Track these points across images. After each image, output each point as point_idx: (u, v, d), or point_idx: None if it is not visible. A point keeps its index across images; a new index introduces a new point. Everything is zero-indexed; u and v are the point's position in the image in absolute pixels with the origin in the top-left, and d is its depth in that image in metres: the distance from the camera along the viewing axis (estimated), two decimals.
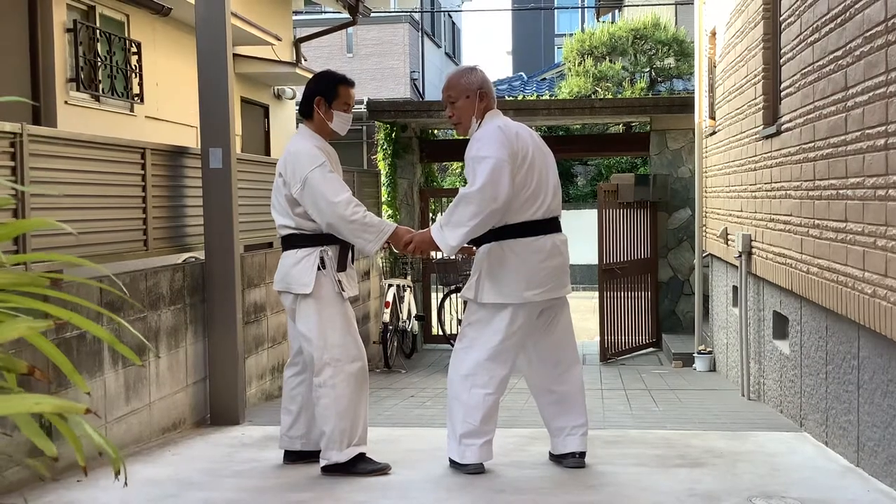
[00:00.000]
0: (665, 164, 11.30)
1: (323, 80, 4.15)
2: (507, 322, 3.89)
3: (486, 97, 4.02)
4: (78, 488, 3.72)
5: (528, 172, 3.89)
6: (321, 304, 3.93)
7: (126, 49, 8.83)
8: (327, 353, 3.91)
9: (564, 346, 4.10)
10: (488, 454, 3.97)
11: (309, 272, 3.92)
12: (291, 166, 3.94)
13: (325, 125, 4.08)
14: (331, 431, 3.90)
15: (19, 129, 3.95)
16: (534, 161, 3.92)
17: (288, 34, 12.96)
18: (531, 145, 3.95)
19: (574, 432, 4.05)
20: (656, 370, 9.33)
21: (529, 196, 3.89)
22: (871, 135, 3.90)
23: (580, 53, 18.38)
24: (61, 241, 4.19)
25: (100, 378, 4.35)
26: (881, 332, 3.75)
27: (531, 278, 3.87)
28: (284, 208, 3.99)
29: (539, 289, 3.90)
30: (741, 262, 6.88)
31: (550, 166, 4.04)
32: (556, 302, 4.04)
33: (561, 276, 3.99)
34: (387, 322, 9.38)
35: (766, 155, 6.21)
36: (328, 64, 23.29)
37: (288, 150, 4.02)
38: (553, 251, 3.95)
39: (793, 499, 3.56)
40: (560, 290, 4.00)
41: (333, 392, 3.90)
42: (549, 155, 4.09)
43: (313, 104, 4.07)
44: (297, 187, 3.90)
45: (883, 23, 3.75)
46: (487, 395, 3.89)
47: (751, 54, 6.79)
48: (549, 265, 3.92)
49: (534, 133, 4.12)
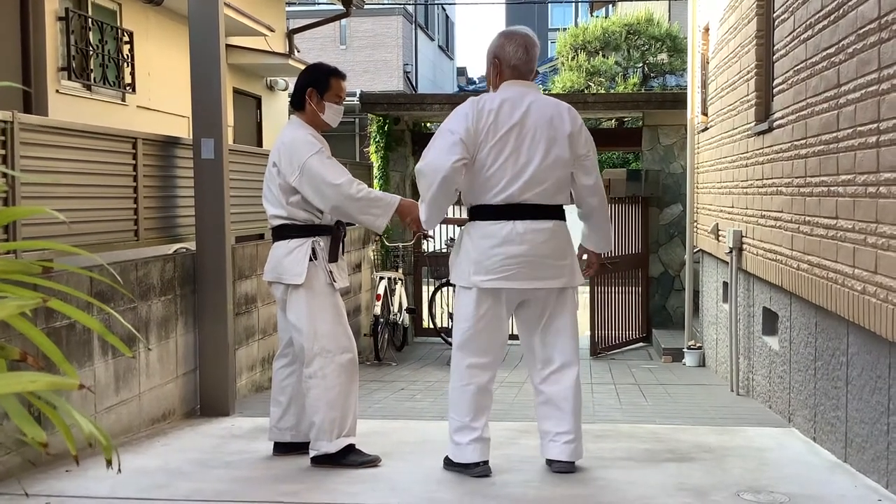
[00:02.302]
0: (657, 159, 11.32)
1: (315, 72, 4.15)
2: (472, 307, 3.73)
3: (497, 66, 3.81)
4: (67, 478, 3.71)
5: (493, 151, 3.64)
6: (312, 294, 3.93)
7: (118, 38, 8.79)
8: (318, 343, 3.90)
9: (556, 347, 3.85)
10: (480, 453, 3.76)
11: (301, 262, 3.91)
12: (287, 155, 3.92)
13: (316, 117, 4.07)
14: (321, 422, 3.90)
15: (10, 118, 3.92)
16: (507, 141, 3.64)
17: (281, 25, 12.92)
18: (515, 123, 3.65)
19: (557, 439, 3.82)
20: (646, 365, 9.36)
21: (490, 177, 3.66)
22: (863, 132, 3.91)
23: (573, 48, 18.39)
24: (51, 231, 4.17)
25: (89, 368, 4.34)
26: (870, 328, 3.77)
27: (480, 263, 3.68)
28: (277, 198, 3.97)
29: (490, 275, 3.67)
30: (732, 258, 6.90)
31: (539, 150, 3.66)
32: (536, 294, 3.77)
33: (528, 266, 3.68)
34: (378, 315, 9.38)
35: (757, 151, 6.23)
36: (321, 56, 23.23)
37: (281, 140, 4.00)
38: (510, 238, 3.66)
39: (781, 494, 3.58)
40: (532, 281, 3.70)
41: (324, 383, 3.90)
42: (550, 139, 3.68)
43: (305, 96, 4.06)
44: (295, 175, 3.88)
45: (876, 20, 3.75)
46: (464, 386, 3.76)
47: (744, 50, 6.80)
48: (502, 252, 3.66)
49: (545, 110, 3.72)
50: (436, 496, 3.52)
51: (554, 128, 3.70)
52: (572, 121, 3.76)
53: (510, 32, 3.90)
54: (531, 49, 3.84)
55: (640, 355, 10.35)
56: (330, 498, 3.54)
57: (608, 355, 10.34)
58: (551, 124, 3.70)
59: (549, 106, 3.76)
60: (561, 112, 3.75)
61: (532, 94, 3.78)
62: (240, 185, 5.99)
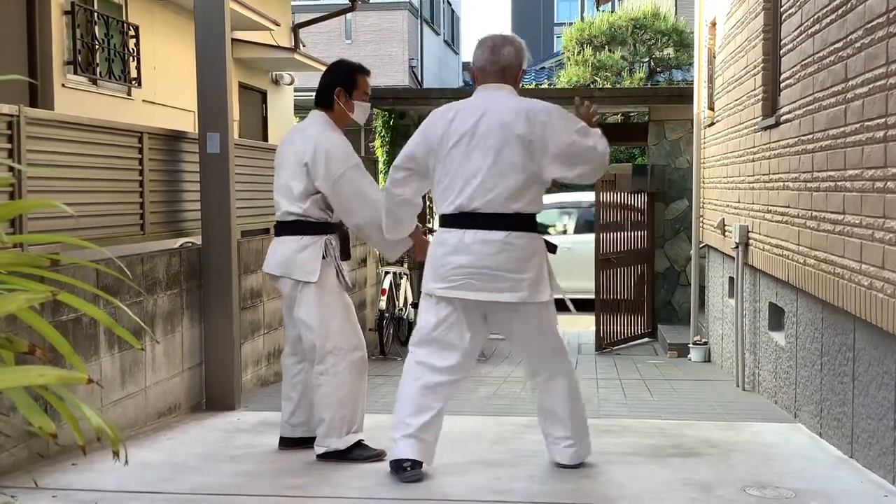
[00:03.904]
0: (663, 154, 11.29)
1: (341, 71, 4.13)
2: (432, 313, 3.64)
3: (472, 73, 3.76)
4: (73, 471, 3.72)
5: (447, 161, 3.57)
6: (323, 292, 3.93)
7: (124, 32, 8.80)
8: (330, 341, 3.91)
9: (538, 360, 3.74)
10: (411, 451, 3.57)
11: (314, 260, 3.91)
12: (324, 161, 3.88)
13: (345, 115, 4.07)
14: (331, 419, 3.91)
15: (17, 112, 3.93)
16: (459, 149, 3.54)
17: (286, 19, 12.92)
18: (467, 131, 3.54)
19: (557, 443, 3.81)
20: (652, 360, 9.35)
21: (446, 186, 3.59)
22: (871, 127, 3.89)
23: (579, 42, 18.34)
24: (58, 225, 4.18)
25: (96, 362, 4.35)
26: (877, 323, 3.76)
27: (435, 271, 3.61)
28: (296, 194, 3.92)
29: (443, 284, 3.58)
30: (738, 253, 6.88)
31: (488, 156, 3.50)
32: (494, 308, 3.59)
33: (478, 278, 3.52)
34: (383, 309, 9.39)
35: (764, 146, 6.21)
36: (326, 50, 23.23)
37: (317, 141, 3.92)
38: (458, 248, 3.54)
39: (786, 489, 3.58)
40: (483, 293, 3.53)
41: (335, 380, 3.91)
42: (501, 144, 3.50)
43: (333, 95, 4.05)
44: (328, 183, 3.87)
45: (884, 14, 3.74)
46: (410, 382, 3.64)
47: (751, 45, 6.78)
48: (451, 261, 3.54)
49: (499, 114, 3.54)
50: (442, 490, 3.53)
51: (505, 131, 3.50)
52: (529, 122, 3.51)
53: (483, 38, 3.77)
54: (498, 48, 3.67)
55: (646, 350, 10.34)
56: (335, 492, 3.54)
57: (613, 350, 10.33)
58: (503, 128, 3.51)
59: (506, 109, 3.55)
60: (519, 114, 3.53)
61: (495, 97, 3.62)
62: (245, 180, 5.99)
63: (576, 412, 3.79)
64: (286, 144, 4.09)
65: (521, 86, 3.83)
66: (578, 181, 3.72)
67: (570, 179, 3.67)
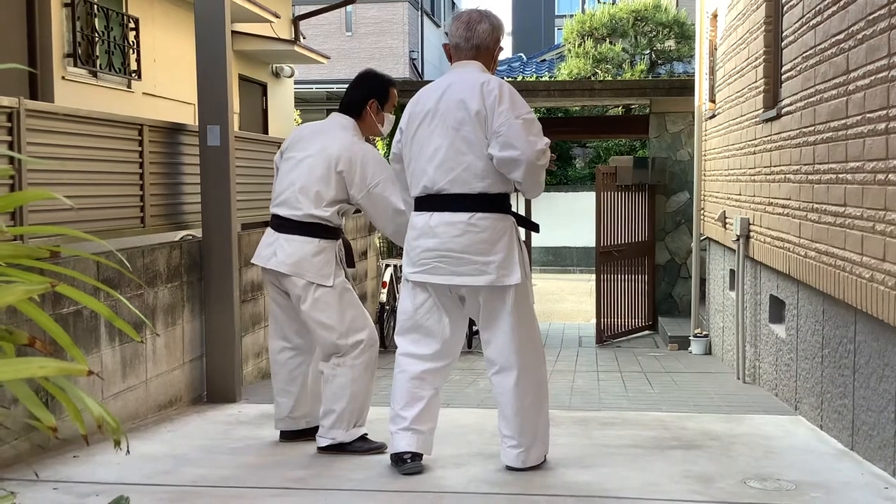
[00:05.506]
0: (664, 146, 11.28)
1: (375, 83, 4.16)
2: (410, 298, 3.62)
3: (447, 50, 3.68)
4: (74, 464, 3.73)
5: (414, 142, 3.53)
6: (339, 291, 3.97)
7: (124, 25, 8.78)
8: (352, 337, 3.93)
9: (495, 348, 3.56)
10: (408, 443, 3.56)
11: (330, 264, 3.95)
12: (360, 169, 3.90)
13: (373, 126, 4.12)
14: (341, 411, 3.92)
15: (16, 104, 3.92)
16: (423, 129, 3.49)
17: (287, 11, 12.88)
18: (429, 110, 3.47)
19: (503, 441, 3.64)
20: (652, 353, 9.36)
21: (414, 169, 3.55)
22: (872, 119, 3.89)
23: (580, 35, 18.32)
24: (58, 217, 4.18)
25: (96, 354, 4.35)
26: (878, 316, 3.76)
27: (407, 256, 3.58)
28: (325, 200, 3.91)
29: (414, 268, 3.54)
30: (739, 246, 6.88)
31: (447, 134, 3.41)
32: (462, 292, 3.53)
33: (445, 261, 3.44)
34: (383, 302, 9.39)
35: (765, 138, 6.20)
36: (326, 42, 23.18)
37: (351, 149, 3.92)
38: (425, 231, 3.48)
39: (787, 481, 3.58)
40: (451, 276, 3.45)
41: (352, 373, 3.92)
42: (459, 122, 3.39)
43: (367, 106, 4.09)
44: (363, 192, 3.91)
45: (886, 6, 3.73)
46: (398, 374, 3.62)
47: (752, 37, 6.76)
48: (420, 245, 3.50)
49: (459, 91, 3.43)
50: (441, 482, 3.53)
51: (463, 108, 3.38)
52: (484, 96, 3.36)
53: (459, 13, 3.67)
54: (474, 24, 3.56)
55: (647, 343, 10.35)
56: (336, 484, 3.54)
57: (614, 343, 10.34)
58: (461, 105, 3.39)
59: (465, 85, 3.42)
60: (474, 89, 3.39)
61: (460, 74, 3.51)
62: (245, 172, 5.98)
63: (523, 413, 3.56)
64: (306, 142, 4.01)
65: (521, 77, 3.83)
66: (506, 171, 3.39)
67: (499, 163, 3.37)
